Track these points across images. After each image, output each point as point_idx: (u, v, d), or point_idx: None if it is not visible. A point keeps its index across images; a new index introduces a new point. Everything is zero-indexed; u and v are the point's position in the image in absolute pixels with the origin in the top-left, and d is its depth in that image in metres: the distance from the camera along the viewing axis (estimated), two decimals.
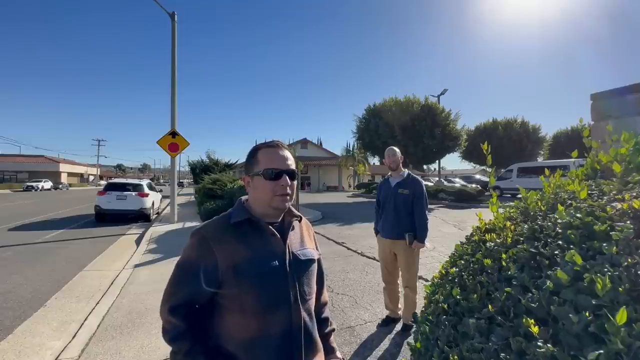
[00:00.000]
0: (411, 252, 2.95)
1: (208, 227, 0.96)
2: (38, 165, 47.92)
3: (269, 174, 0.95)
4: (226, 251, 0.91)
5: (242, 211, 0.98)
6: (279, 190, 0.95)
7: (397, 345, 2.77)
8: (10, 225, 9.80)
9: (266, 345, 0.91)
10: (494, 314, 0.82)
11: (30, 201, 19.93)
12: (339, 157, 35.20)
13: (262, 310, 0.91)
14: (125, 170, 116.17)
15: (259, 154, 0.99)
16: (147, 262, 5.62)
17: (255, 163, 0.98)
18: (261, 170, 0.95)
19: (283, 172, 0.96)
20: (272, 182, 0.95)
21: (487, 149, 1.40)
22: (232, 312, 0.92)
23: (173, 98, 10.85)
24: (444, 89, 24.10)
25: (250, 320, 0.91)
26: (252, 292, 0.90)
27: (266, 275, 0.92)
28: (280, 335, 0.92)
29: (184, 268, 0.94)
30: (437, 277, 1.33)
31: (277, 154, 0.98)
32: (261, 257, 0.93)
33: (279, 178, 0.95)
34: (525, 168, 19.86)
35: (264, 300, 0.91)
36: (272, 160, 0.97)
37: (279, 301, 0.93)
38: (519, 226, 1.09)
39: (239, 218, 0.96)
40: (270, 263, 0.93)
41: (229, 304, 0.92)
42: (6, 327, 3.27)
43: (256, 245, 0.95)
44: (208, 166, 19.35)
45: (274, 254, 0.95)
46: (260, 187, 0.96)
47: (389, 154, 3.11)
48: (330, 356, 1.15)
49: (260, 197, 0.97)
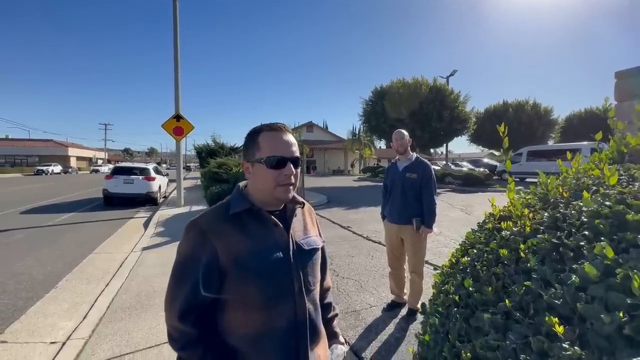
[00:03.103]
0: (418, 237, 2.90)
1: (205, 218, 0.89)
2: (47, 150, 48.56)
3: (271, 162, 0.87)
4: (226, 244, 0.85)
5: (241, 200, 0.91)
6: (282, 179, 0.88)
7: (402, 330, 2.77)
8: (22, 208, 10.00)
9: (271, 339, 0.87)
10: (511, 309, 0.77)
11: (41, 185, 20.30)
12: (345, 140, 34.87)
13: (266, 304, 0.86)
14: (132, 154, 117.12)
15: (260, 137, 0.89)
16: (155, 245, 5.70)
17: (255, 148, 0.89)
18: (263, 157, 0.87)
19: (287, 159, 0.88)
20: (275, 171, 0.87)
21: (504, 130, 1.30)
22: (234, 307, 0.88)
23: (176, 81, 10.70)
24: (453, 70, 23.37)
25: (254, 315, 0.86)
26: (255, 286, 0.85)
27: (270, 268, 0.86)
28: (285, 328, 0.88)
29: (183, 266, 0.87)
30: (446, 266, 1.27)
31: (280, 139, 0.89)
32: (264, 249, 0.88)
33: (282, 166, 0.88)
34: (535, 151, 19.44)
35: (268, 294, 0.86)
36: (275, 146, 0.88)
37: (283, 294, 0.88)
38: (537, 214, 1.02)
39: (239, 208, 0.89)
40: (274, 255, 0.88)
41: (231, 298, 0.87)
42: (19, 308, 3.36)
43: (258, 236, 0.89)
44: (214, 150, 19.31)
45: (277, 245, 0.90)
46: (262, 176, 0.88)
47: (397, 137, 3.01)
48: (333, 341, 1.13)
49: (262, 186, 0.90)
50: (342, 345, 1.15)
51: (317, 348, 0.96)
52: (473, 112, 22.12)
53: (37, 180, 25.08)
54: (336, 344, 1.14)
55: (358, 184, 19.31)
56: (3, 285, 3.94)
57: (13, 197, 13.36)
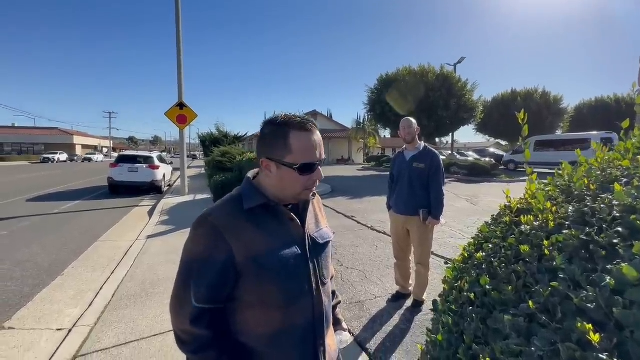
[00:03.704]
0: (425, 228, 2.84)
1: (217, 213, 0.81)
2: (53, 138, 48.88)
3: (305, 170, 0.80)
4: (243, 241, 0.78)
5: (255, 194, 0.84)
6: (310, 184, 0.84)
7: (408, 321, 2.75)
8: (28, 196, 10.09)
9: (289, 336, 0.83)
10: (535, 311, 0.70)
11: (47, 173, 20.48)
12: (349, 129, 34.54)
13: (285, 302, 0.82)
14: (137, 143, 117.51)
15: (291, 138, 0.79)
16: (160, 234, 5.72)
17: (284, 148, 0.79)
18: (297, 163, 0.79)
19: (317, 164, 0.83)
20: (305, 177, 0.82)
21: (524, 117, 1.22)
22: (251, 307, 0.82)
23: (179, 68, 10.56)
24: (461, 57, 22.79)
25: (272, 314, 0.82)
26: (274, 285, 0.80)
27: (289, 265, 0.82)
28: (304, 325, 0.85)
29: (194, 266, 0.80)
30: (458, 261, 1.21)
31: (313, 142, 0.81)
32: (282, 246, 0.82)
33: (313, 171, 0.82)
34: (543, 141, 19.11)
35: (288, 292, 0.82)
36: (309, 150, 0.80)
37: (302, 291, 0.84)
38: (562, 208, 0.94)
39: (254, 203, 0.82)
40: (292, 250, 0.83)
41: (248, 297, 0.82)
42: (26, 295, 3.39)
43: (275, 232, 0.83)
44: (217, 139, 19.24)
45: (294, 240, 0.85)
46: (290, 180, 0.82)
47: (405, 125, 2.91)
48: (336, 327, 1.11)
49: (286, 189, 0.84)
50: (346, 332, 1.15)
51: (327, 338, 0.93)
52: (480, 101, 21.66)
53: (43, 168, 25.32)
54: (340, 330, 1.12)
55: (362, 174, 19.20)
56: (10, 272, 3.99)
57: (20, 185, 13.50)
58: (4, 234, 5.68)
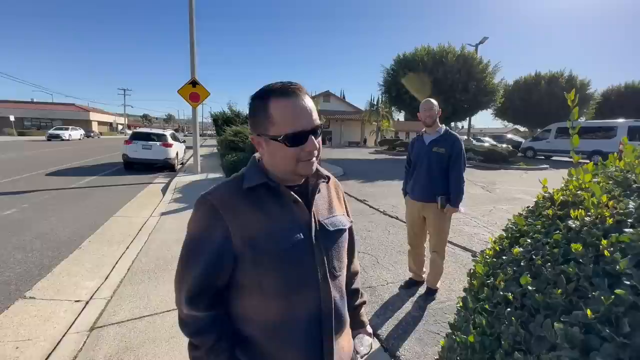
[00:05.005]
0: (442, 216, 2.74)
1: (216, 193, 0.78)
2: (70, 114, 49.68)
3: (291, 141, 0.72)
4: (240, 222, 0.74)
5: (256, 173, 0.79)
6: (304, 156, 0.74)
7: (420, 309, 2.70)
8: (47, 170, 10.37)
9: (291, 329, 0.77)
10: (594, 321, 0.61)
11: (66, 148, 20.98)
12: (363, 111, 33.85)
13: (285, 291, 0.76)
14: (151, 120, 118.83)
15: (271, 106, 0.72)
16: (173, 211, 5.79)
17: (267, 121, 0.73)
18: (280, 135, 0.72)
19: (308, 133, 0.73)
20: (295, 149, 0.73)
21: (574, 98, 1.08)
22: (249, 292, 0.78)
23: (192, 45, 10.38)
24: (483, 37, 21.61)
25: (271, 302, 0.76)
26: (272, 271, 0.75)
27: (289, 250, 0.75)
28: (308, 318, 0.78)
29: (193, 245, 0.78)
30: (489, 255, 1.12)
31: (297, 108, 0.72)
32: (282, 229, 0.76)
33: (304, 142, 0.73)
34: (565, 128, 18.21)
35: (287, 280, 0.76)
36: (293, 118, 0.72)
37: (305, 280, 0.78)
38: (620, 202, 0.83)
39: (254, 182, 0.77)
40: (293, 236, 0.76)
41: (246, 283, 0.77)
42: (46, 266, 3.50)
43: (276, 214, 0.77)
44: (229, 118, 19.12)
45: (297, 224, 0.78)
46: (280, 155, 0.74)
47: (426, 107, 2.75)
48: (359, 330, 1.04)
49: (280, 165, 0.77)
50: (368, 336, 1.05)
51: (341, 339, 0.86)
52: (501, 84, 20.68)
53: (62, 144, 25.94)
54: (362, 334, 1.04)
55: (374, 157, 18.93)
56: (31, 243, 4.11)
57: (40, 159, 13.88)
58: (26, 206, 5.87)
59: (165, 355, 2.13)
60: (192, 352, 0.79)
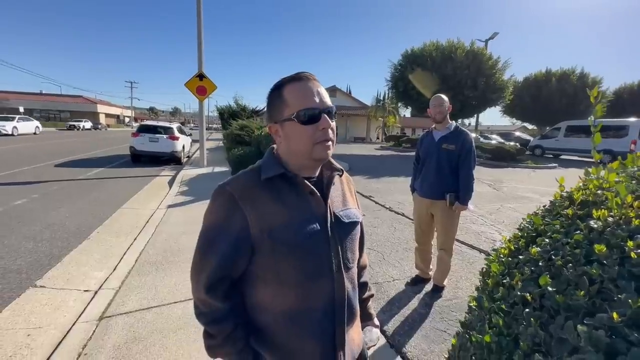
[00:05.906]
0: (451, 214, 2.71)
1: (235, 183, 0.79)
2: (78, 105, 50.22)
3: (304, 117, 0.75)
4: (258, 213, 0.76)
5: (274, 164, 0.80)
6: (319, 136, 0.76)
7: (427, 306, 2.69)
8: (56, 161, 10.50)
9: (305, 319, 0.78)
10: (621, 324, 0.59)
11: (75, 139, 21.21)
12: (369, 107, 33.58)
13: (301, 280, 0.77)
14: (157, 113, 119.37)
15: (285, 92, 0.77)
16: (179, 204, 5.83)
17: (282, 105, 0.77)
18: (293, 113, 0.75)
19: (322, 111, 0.75)
20: (309, 127, 0.75)
21: (597, 94, 1.04)
22: (266, 282, 0.79)
23: (199, 39, 10.35)
24: (493, 33, 21.24)
25: (288, 292, 0.78)
26: (290, 261, 0.76)
27: (306, 241, 0.76)
28: (322, 308, 0.79)
29: (211, 235, 0.78)
30: (504, 254, 1.10)
31: (309, 89, 0.77)
32: (300, 219, 0.77)
33: (317, 120, 0.75)
34: (575, 127, 17.89)
35: (304, 270, 0.77)
36: (305, 97, 0.76)
37: (320, 270, 0.79)
38: None
39: (272, 173, 0.78)
40: (310, 226, 0.77)
41: (263, 273, 0.78)
42: (55, 256, 3.55)
43: (293, 205, 0.78)
44: (235, 112, 19.17)
45: (314, 215, 0.79)
46: (296, 135, 0.76)
47: (436, 103, 2.71)
48: (367, 323, 1.06)
49: (297, 148, 0.78)
50: (376, 328, 1.09)
51: (352, 330, 0.87)
52: (511, 81, 20.33)
53: (71, 135, 26.23)
54: (370, 326, 1.07)
55: (380, 153, 18.83)
56: (41, 233, 4.17)
57: (50, 149, 14.05)
58: (36, 196, 5.95)
59: (173, 346, 2.16)
60: (207, 340, 0.80)
